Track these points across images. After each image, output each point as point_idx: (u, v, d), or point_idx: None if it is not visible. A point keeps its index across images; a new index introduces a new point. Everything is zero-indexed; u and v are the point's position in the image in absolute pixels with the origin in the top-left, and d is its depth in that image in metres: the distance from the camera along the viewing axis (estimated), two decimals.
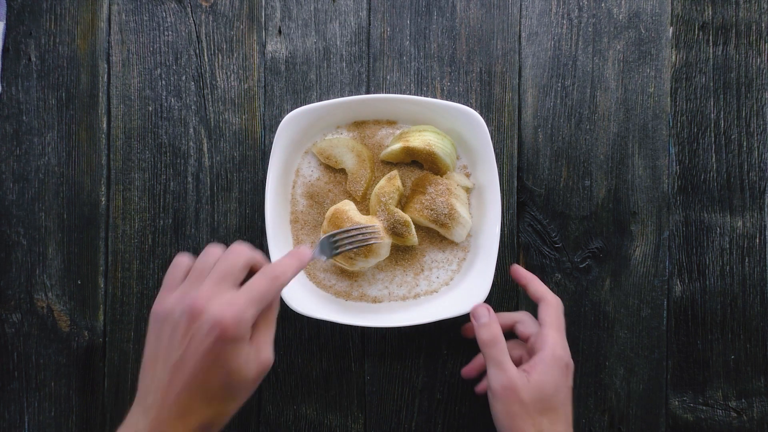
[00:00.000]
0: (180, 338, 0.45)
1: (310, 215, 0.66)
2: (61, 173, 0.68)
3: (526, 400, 0.55)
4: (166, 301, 0.47)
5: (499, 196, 0.62)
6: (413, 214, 0.63)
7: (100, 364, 0.67)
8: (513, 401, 0.55)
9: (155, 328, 0.47)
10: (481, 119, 0.62)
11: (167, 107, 0.68)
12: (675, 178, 0.68)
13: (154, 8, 0.68)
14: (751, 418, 0.67)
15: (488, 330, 0.58)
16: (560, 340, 0.58)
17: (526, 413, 0.55)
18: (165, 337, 0.46)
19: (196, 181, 0.68)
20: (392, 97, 0.63)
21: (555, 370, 0.56)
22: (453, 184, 0.63)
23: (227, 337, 0.44)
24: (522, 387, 0.55)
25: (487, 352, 0.58)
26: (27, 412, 0.67)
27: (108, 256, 0.68)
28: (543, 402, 0.55)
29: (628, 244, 0.68)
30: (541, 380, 0.56)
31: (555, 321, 0.59)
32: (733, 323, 0.68)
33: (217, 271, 0.47)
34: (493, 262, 0.62)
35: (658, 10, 0.68)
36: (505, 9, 0.68)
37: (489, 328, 0.59)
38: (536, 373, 0.56)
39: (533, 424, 0.55)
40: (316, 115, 0.63)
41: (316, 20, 0.68)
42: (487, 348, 0.58)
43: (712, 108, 0.68)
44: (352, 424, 0.68)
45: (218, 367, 0.44)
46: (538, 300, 0.61)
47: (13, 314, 0.67)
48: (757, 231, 0.68)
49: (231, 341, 0.44)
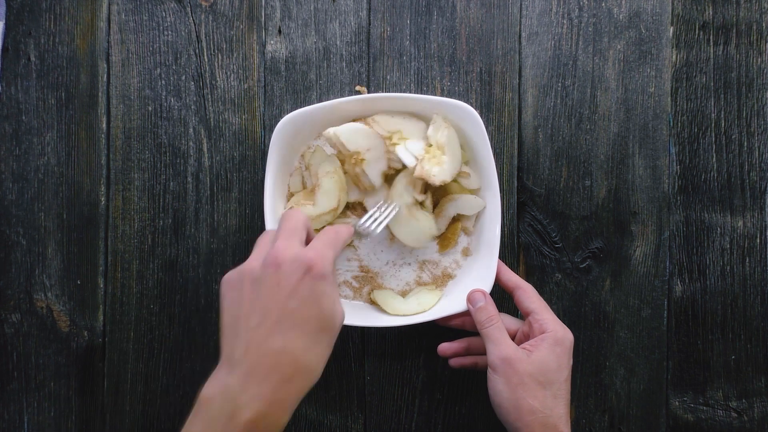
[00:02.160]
0: (269, 287, 0.45)
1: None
2: (61, 173, 0.68)
3: (526, 372, 0.54)
4: (239, 268, 0.48)
5: (499, 196, 0.62)
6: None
7: (100, 364, 0.67)
8: (513, 373, 0.55)
9: (233, 289, 0.47)
10: (477, 115, 0.61)
11: (167, 107, 0.68)
12: (675, 178, 0.68)
13: (153, 8, 0.68)
14: (751, 418, 0.67)
15: (484, 311, 0.59)
16: (557, 322, 0.58)
17: (527, 384, 0.54)
18: (246, 292, 0.46)
19: (195, 181, 0.68)
20: (386, 96, 0.62)
21: (558, 349, 0.56)
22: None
23: (316, 272, 0.45)
24: (521, 360, 0.55)
25: (484, 332, 0.58)
26: (27, 412, 0.67)
27: (108, 256, 0.67)
28: (545, 375, 0.55)
29: (629, 244, 0.68)
30: (542, 356, 0.55)
31: (543, 305, 0.59)
32: (733, 323, 0.68)
33: (284, 228, 0.48)
34: (494, 264, 0.62)
35: (658, 9, 0.68)
36: (505, 9, 0.68)
37: (485, 309, 0.59)
38: (538, 350, 0.56)
39: (536, 395, 0.54)
40: (312, 118, 0.62)
41: (316, 20, 0.68)
42: (484, 328, 0.58)
43: (713, 108, 0.68)
44: (352, 424, 0.68)
45: (311, 300, 0.45)
46: (512, 289, 0.61)
47: (12, 314, 0.67)
48: (757, 231, 0.68)
49: (320, 277, 0.45)
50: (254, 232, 0.67)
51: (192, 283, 0.67)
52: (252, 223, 0.67)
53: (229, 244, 0.68)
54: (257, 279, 0.46)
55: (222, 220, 0.68)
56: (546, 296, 0.68)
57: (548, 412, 0.54)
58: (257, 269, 0.46)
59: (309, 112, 0.62)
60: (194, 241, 0.68)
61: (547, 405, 0.54)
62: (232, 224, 0.68)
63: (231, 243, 0.68)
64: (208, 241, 0.68)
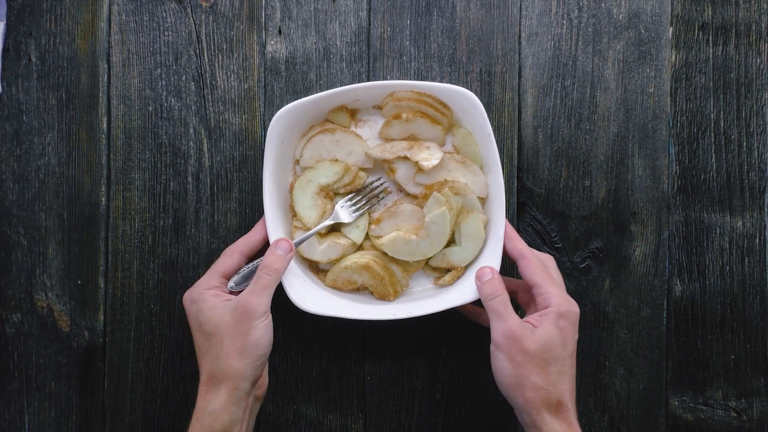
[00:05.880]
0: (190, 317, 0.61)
1: None
2: (61, 173, 0.68)
3: (530, 349, 0.53)
4: (192, 288, 0.62)
5: (503, 195, 0.61)
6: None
7: (100, 364, 0.68)
8: (516, 350, 0.53)
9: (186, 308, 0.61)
10: (477, 99, 0.61)
11: (167, 107, 0.68)
12: (675, 178, 0.68)
13: (154, 8, 0.68)
14: (751, 418, 0.67)
15: (490, 284, 0.57)
16: (562, 294, 0.57)
17: (531, 362, 0.53)
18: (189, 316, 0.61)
19: (196, 181, 0.68)
20: (382, 84, 0.62)
21: (562, 323, 0.55)
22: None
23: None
24: (525, 336, 0.54)
25: (488, 305, 0.57)
26: (27, 412, 0.67)
27: (108, 256, 0.68)
28: (549, 352, 0.54)
29: (628, 244, 0.68)
30: (547, 332, 0.54)
31: (548, 276, 0.57)
32: (732, 323, 0.68)
33: (213, 265, 0.62)
34: (500, 246, 0.61)
35: (657, 10, 0.68)
36: (505, 9, 0.68)
37: (491, 282, 0.57)
38: (542, 325, 0.54)
39: (539, 372, 0.53)
40: (306, 109, 0.62)
41: (316, 20, 0.68)
42: (488, 301, 0.57)
43: (712, 108, 0.68)
44: (352, 424, 0.68)
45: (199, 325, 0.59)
46: (517, 258, 0.59)
47: (13, 314, 0.67)
48: (756, 231, 0.68)
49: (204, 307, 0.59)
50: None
51: (192, 282, 0.67)
52: (252, 223, 0.67)
53: (229, 244, 0.67)
54: (188, 309, 0.60)
55: (222, 220, 0.68)
56: None
57: (552, 389, 0.53)
58: (186, 299, 0.60)
59: (303, 104, 0.62)
60: (194, 241, 0.68)
61: (551, 381, 0.53)
62: (232, 224, 0.68)
63: (231, 243, 0.67)
64: (208, 241, 0.68)
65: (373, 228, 0.64)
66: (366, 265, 0.63)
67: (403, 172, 0.64)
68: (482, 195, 0.63)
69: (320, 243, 0.64)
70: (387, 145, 0.64)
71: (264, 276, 0.57)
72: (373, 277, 0.63)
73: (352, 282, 0.64)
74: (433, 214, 0.61)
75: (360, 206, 0.64)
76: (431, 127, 0.63)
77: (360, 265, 0.63)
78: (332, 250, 0.64)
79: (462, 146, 0.64)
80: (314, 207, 0.64)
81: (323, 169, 0.63)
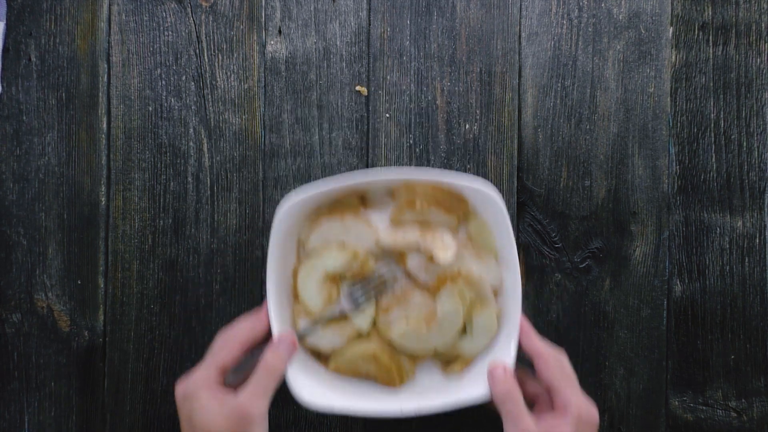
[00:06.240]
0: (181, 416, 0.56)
1: None
2: (61, 173, 0.68)
3: None
4: (186, 380, 0.57)
5: (520, 290, 0.58)
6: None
7: (100, 364, 0.68)
8: None
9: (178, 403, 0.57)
10: (498, 198, 0.58)
11: (167, 107, 0.68)
12: (675, 178, 0.68)
13: (154, 8, 0.68)
14: (751, 418, 0.67)
15: (503, 385, 0.55)
16: (581, 398, 0.54)
17: None
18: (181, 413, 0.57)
19: (196, 181, 0.68)
20: (395, 176, 0.59)
21: (582, 429, 0.52)
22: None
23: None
24: None
25: (502, 408, 0.54)
26: (27, 412, 0.67)
27: (108, 256, 0.68)
28: None
29: (628, 244, 0.68)
30: None
31: (566, 378, 0.55)
32: (733, 323, 0.68)
33: (208, 354, 0.57)
34: (514, 344, 0.58)
35: (658, 10, 0.68)
36: (505, 9, 0.68)
37: (504, 383, 0.55)
38: (560, 429, 0.52)
39: None
40: (314, 201, 0.59)
41: (316, 20, 0.68)
42: (502, 404, 0.54)
43: (712, 108, 0.69)
44: (352, 424, 0.68)
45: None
46: (532, 356, 0.57)
47: (13, 314, 0.67)
48: (757, 231, 0.68)
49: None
50: (254, 232, 0.68)
51: (192, 283, 0.68)
52: (252, 223, 0.67)
53: (229, 244, 0.68)
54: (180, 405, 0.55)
55: (222, 220, 0.68)
56: (546, 297, 0.68)
57: None
58: (179, 392, 0.55)
59: (311, 198, 0.58)
60: (194, 241, 0.68)
61: None
62: (232, 224, 0.68)
63: (231, 243, 0.68)
64: (208, 241, 0.68)
65: (381, 316, 0.61)
66: (373, 356, 0.60)
67: (415, 261, 0.60)
68: (496, 285, 0.60)
69: (324, 329, 0.60)
70: (398, 234, 0.60)
71: (265, 378, 0.54)
72: (380, 368, 0.60)
73: (357, 371, 0.61)
74: (446, 309, 0.59)
75: (368, 295, 0.60)
76: (445, 216, 0.60)
77: (367, 355, 0.60)
78: (337, 337, 0.60)
79: (477, 236, 0.61)
80: (320, 293, 0.60)
81: (330, 256, 0.60)
